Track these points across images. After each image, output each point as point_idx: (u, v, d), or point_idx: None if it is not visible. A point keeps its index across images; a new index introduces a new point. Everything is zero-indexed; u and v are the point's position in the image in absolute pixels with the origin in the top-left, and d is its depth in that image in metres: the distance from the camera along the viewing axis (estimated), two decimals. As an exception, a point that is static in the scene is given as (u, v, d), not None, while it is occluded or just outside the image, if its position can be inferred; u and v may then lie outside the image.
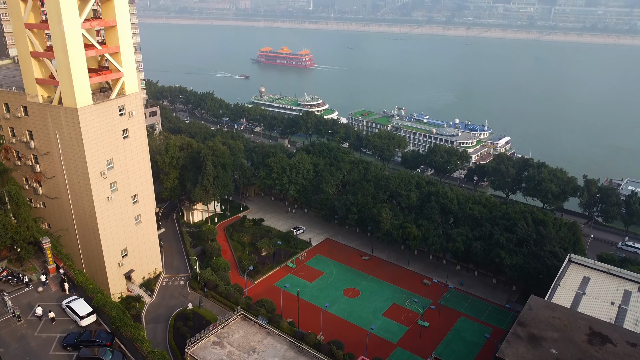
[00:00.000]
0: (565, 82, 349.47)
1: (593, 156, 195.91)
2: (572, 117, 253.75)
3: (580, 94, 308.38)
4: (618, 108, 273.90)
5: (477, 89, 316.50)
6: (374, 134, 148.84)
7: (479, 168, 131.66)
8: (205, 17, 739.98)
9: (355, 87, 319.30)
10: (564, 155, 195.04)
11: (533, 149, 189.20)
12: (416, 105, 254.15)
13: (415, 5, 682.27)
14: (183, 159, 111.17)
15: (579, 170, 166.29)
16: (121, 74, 73.28)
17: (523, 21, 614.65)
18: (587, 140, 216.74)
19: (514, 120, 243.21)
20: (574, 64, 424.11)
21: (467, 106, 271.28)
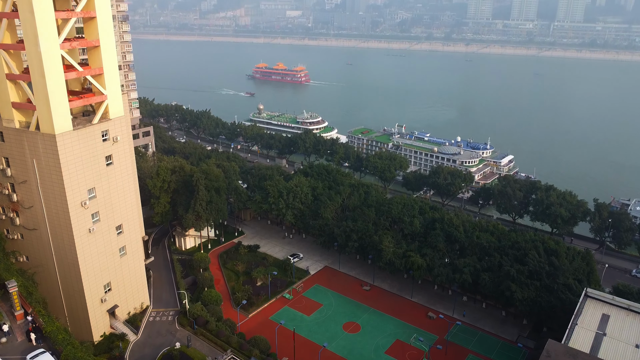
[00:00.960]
0: (566, 97, 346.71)
1: (597, 174, 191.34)
2: (574, 134, 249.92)
3: (581, 109, 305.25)
4: (619, 124, 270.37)
5: (478, 105, 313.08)
6: (374, 155, 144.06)
7: (484, 190, 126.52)
8: (205, 33, 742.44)
9: (354, 104, 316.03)
10: (568, 173, 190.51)
11: (537, 168, 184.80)
12: (416, 122, 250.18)
13: (415, 22, 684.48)
14: (175, 182, 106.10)
15: (585, 190, 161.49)
16: (105, 96, 68.57)
17: (522, 37, 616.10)
18: (590, 158, 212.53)
19: (516, 137, 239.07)
20: (574, 79, 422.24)
21: (468, 123, 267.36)
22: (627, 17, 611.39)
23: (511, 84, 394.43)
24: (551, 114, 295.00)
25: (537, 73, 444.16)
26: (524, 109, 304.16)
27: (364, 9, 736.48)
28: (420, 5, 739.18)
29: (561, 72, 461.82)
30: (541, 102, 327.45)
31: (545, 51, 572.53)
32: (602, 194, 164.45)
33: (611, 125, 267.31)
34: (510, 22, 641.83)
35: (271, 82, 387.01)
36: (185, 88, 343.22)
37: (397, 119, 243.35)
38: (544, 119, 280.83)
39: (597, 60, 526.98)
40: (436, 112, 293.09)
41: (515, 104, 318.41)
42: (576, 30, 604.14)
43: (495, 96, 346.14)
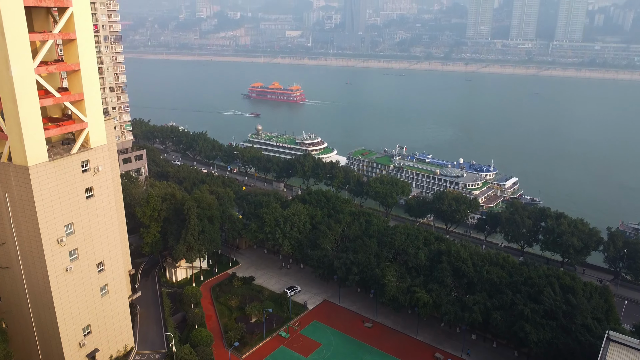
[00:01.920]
0: (567, 117, 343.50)
1: (603, 196, 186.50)
2: (577, 154, 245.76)
3: (582, 129, 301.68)
4: (621, 144, 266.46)
5: (479, 125, 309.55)
6: (375, 179, 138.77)
7: (491, 217, 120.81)
8: (205, 53, 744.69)
9: (354, 124, 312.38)
10: (573, 196, 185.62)
11: (541, 190, 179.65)
12: (417, 143, 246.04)
13: (414, 42, 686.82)
14: (166, 211, 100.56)
15: (591, 213, 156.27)
16: (85, 124, 63.44)
17: (521, 57, 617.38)
18: (594, 179, 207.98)
19: (519, 158, 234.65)
20: (574, 98, 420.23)
21: (469, 143, 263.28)
22: (625, 36, 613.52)
23: (511, 103, 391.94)
24: (553, 133, 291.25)
25: (537, 92, 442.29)
26: (525, 128, 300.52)
27: (363, 29, 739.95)
28: (419, 25, 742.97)
29: (561, 91, 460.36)
30: (542, 121, 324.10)
31: (545, 70, 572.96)
32: (609, 217, 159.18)
33: (613, 146, 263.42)
34: (509, 41, 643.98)
35: (267, 101, 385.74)
36: (189, 109, 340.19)
37: (398, 139, 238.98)
38: (546, 139, 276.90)
39: (597, 80, 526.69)
40: (436, 132, 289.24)
41: (517, 123, 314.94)
42: (575, 49, 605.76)
43: (496, 116, 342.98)
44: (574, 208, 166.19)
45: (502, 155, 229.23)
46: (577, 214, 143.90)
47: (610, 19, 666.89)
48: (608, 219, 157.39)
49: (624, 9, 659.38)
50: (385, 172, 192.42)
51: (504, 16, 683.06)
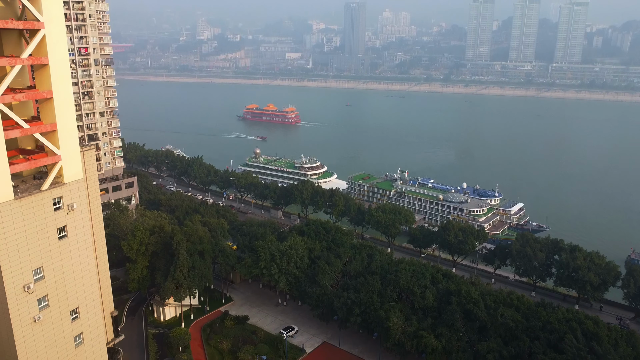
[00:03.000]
0: (569, 139, 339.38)
1: (610, 222, 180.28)
2: (581, 177, 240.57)
3: (585, 151, 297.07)
4: (625, 167, 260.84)
5: (480, 147, 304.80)
6: (377, 208, 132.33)
7: (501, 249, 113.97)
8: (206, 75, 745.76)
9: (353, 146, 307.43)
10: (581, 222, 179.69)
11: (548, 216, 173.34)
12: (418, 165, 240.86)
13: (413, 64, 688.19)
14: (154, 244, 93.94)
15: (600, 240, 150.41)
16: (58, 157, 57.38)
17: (521, 78, 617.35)
18: (600, 203, 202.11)
19: (523, 181, 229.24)
20: (575, 120, 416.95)
21: (471, 166, 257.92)
22: (624, 58, 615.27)
23: (513, 125, 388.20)
24: (556, 156, 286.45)
25: (538, 114, 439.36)
26: (527, 151, 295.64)
27: (362, 51, 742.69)
28: (418, 48, 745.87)
29: (562, 112, 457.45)
30: (545, 143, 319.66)
31: (545, 92, 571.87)
32: (619, 244, 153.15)
33: (617, 168, 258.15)
34: (509, 63, 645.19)
35: (262, 122, 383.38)
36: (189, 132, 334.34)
37: (399, 162, 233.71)
38: (549, 161, 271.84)
39: (597, 101, 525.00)
40: (438, 154, 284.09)
41: (519, 145, 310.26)
42: (575, 71, 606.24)
43: (498, 138, 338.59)
44: (582, 235, 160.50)
45: (505, 178, 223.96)
46: (586, 240, 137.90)
47: (609, 41, 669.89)
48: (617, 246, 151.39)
49: (622, 31, 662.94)
50: (387, 197, 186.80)
51: (503, 38, 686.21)
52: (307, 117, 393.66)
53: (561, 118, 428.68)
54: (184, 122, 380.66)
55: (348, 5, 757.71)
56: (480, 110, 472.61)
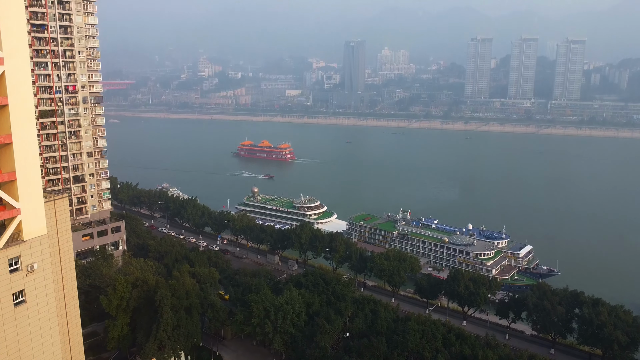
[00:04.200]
0: (572, 176, 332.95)
1: (626, 266, 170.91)
2: (590, 217, 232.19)
3: (589, 188, 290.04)
4: (631, 204, 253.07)
5: (483, 185, 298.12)
6: (380, 255, 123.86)
7: (516, 301, 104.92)
8: (206, 111, 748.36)
9: (354, 184, 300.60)
10: (594, 265, 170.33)
11: (559, 259, 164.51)
12: (420, 204, 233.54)
13: (413, 101, 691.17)
14: (136, 299, 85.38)
15: (617, 285, 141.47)
16: (17, 211, 50.03)
17: (520, 115, 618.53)
18: (613, 245, 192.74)
19: (528, 220, 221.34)
20: (577, 157, 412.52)
21: (474, 205, 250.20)
22: (622, 95, 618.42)
23: (515, 162, 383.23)
24: (559, 193, 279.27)
25: (540, 151, 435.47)
26: (531, 189, 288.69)
27: (362, 88, 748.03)
28: (417, 85, 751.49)
29: (564, 149, 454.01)
30: (549, 181, 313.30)
31: (545, 129, 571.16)
32: (635, 289, 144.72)
33: (622, 205, 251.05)
34: (508, 100, 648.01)
35: (256, 159, 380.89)
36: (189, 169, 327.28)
37: (400, 200, 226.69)
38: (553, 199, 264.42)
39: (598, 138, 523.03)
40: (440, 192, 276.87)
41: (522, 183, 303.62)
42: (574, 108, 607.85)
43: (500, 175, 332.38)
44: (597, 281, 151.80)
45: (511, 218, 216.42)
46: (602, 286, 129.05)
47: (606, 78, 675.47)
48: (636, 292, 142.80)
49: (619, 68, 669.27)
50: (389, 239, 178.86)
51: (501, 76, 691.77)
52: (305, 153, 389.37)
53: (563, 155, 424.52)
54: (183, 159, 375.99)
55: (347, 43, 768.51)
56: (481, 147, 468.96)
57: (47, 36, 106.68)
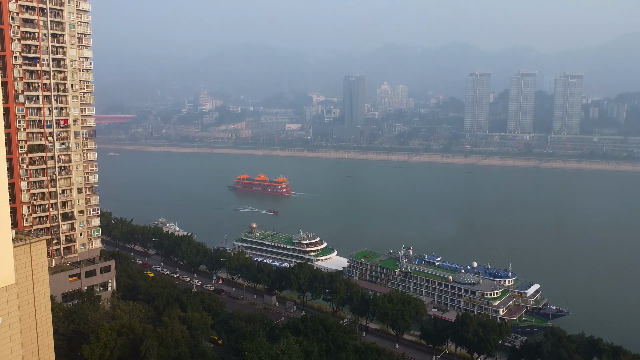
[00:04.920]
0: (578, 211, 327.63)
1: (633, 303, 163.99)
2: (597, 253, 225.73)
3: (597, 224, 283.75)
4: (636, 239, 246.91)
5: (485, 220, 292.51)
6: (383, 297, 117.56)
7: (528, 348, 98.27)
8: (206, 145, 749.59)
9: (353, 218, 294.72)
10: (605, 305, 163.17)
11: (568, 298, 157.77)
12: (421, 240, 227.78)
13: (412, 134, 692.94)
14: (120, 348, 79.12)
15: (628, 326, 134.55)
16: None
17: (521, 149, 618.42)
18: (622, 281, 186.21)
19: (534, 257, 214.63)
20: (579, 190, 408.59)
21: (477, 240, 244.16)
22: (621, 128, 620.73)
23: (516, 196, 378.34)
24: (566, 230, 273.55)
25: (542, 185, 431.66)
26: (535, 224, 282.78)
27: (362, 122, 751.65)
28: (417, 119, 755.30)
29: (565, 183, 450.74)
30: (551, 215, 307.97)
31: (546, 162, 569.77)
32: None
33: (630, 241, 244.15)
34: (507, 134, 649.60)
35: (252, 193, 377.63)
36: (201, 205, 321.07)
37: (401, 235, 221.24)
38: (560, 236, 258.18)
39: (599, 171, 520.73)
40: (442, 227, 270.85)
41: (525, 218, 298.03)
42: (574, 141, 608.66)
43: (503, 209, 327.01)
44: (609, 322, 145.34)
45: (516, 254, 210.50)
46: (614, 327, 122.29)
47: (605, 112, 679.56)
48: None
49: (617, 102, 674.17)
50: (392, 277, 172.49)
51: (500, 110, 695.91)
52: (304, 187, 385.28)
53: (565, 189, 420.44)
54: (181, 193, 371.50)
55: (347, 78, 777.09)
56: (482, 181, 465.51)
57: (39, 69, 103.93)
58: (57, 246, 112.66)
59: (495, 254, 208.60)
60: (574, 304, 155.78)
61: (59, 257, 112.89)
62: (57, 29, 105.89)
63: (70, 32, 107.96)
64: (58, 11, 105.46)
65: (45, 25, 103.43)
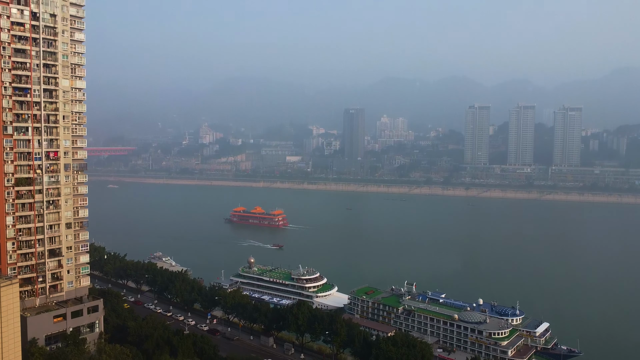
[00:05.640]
0: (583, 244, 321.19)
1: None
2: (606, 289, 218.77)
3: (604, 258, 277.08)
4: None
5: (489, 254, 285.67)
6: (386, 340, 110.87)
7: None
8: (206, 177, 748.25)
9: (353, 252, 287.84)
10: (619, 345, 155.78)
11: (580, 337, 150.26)
12: (423, 274, 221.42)
13: (413, 167, 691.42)
14: (101, 400, 72.52)
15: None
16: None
17: (521, 181, 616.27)
18: (634, 318, 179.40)
19: (541, 294, 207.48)
20: (584, 224, 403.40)
21: (481, 275, 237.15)
22: (622, 160, 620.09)
23: (520, 229, 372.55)
24: (573, 264, 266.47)
25: (544, 217, 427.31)
26: (541, 258, 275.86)
27: (362, 154, 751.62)
28: (417, 152, 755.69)
29: (568, 215, 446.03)
30: (556, 249, 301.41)
31: (547, 195, 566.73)
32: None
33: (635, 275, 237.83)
34: (508, 166, 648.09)
35: (248, 225, 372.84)
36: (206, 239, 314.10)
37: (403, 270, 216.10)
38: (566, 270, 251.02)
39: (601, 203, 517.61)
40: (444, 262, 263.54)
41: (530, 252, 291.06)
42: (575, 174, 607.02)
43: (506, 243, 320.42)
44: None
45: (521, 290, 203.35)
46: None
47: (605, 144, 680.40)
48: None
49: (617, 134, 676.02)
50: (394, 315, 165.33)
51: (500, 142, 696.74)
52: (302, 220, 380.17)
53: (568, 221, 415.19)
54: (179, 226, 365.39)
55: (347, 111, 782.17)
56: (484, 213, 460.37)
57: (30, 100, 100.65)
58: (43, 284, 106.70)
59: (501, 290, 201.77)
60: (585, 344, 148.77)
61: (43, 296, 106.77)
62: (50, 59, 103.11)
63: (63, 63, 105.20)
64: (51, 41, 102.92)
65: (38, 55, 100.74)
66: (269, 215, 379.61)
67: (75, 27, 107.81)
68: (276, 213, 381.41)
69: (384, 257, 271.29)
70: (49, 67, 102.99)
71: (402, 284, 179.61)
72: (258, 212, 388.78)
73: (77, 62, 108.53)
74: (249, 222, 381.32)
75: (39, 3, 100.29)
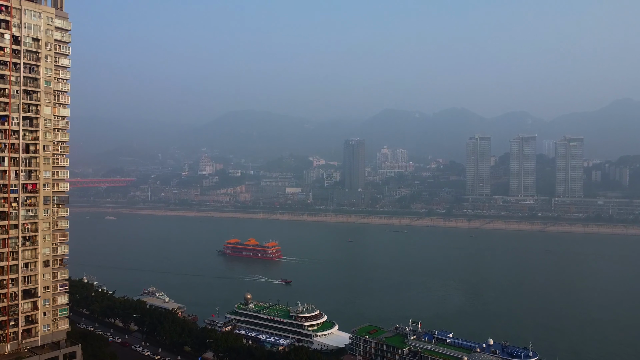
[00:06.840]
0: (592, 278, 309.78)
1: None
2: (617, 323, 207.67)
3: (615, 292, 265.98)
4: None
5: (495, 289, 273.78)
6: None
7: None
8: (204, 209, 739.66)
9: (354, 287, 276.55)
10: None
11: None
12: (428, 311, 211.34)
13: (414, 198, 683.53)
14: None
15: None
16: None
17: (524, 212, 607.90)
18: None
19: (552, 332, 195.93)
20: (590, 256, 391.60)
21: (488, 312, 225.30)
22: (625, 192, 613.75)
23: (525, 262, 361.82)
24: (578, 298, 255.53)
25: (549, 250, 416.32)
26: (553, 293, 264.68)
27: (362, 185, 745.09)
28: (418, 183, 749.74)
29: (573, 247, 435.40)
30: (563, 284, 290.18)
31: (551, 226, 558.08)
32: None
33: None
34: (510, 197, 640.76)
35: (242, 258, 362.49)
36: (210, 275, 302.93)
37: (406, 306, 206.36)
38: (574, 306, 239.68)
39: (606, 235, 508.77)
40: (449, 297, 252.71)
41: (540, 286, 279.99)
42: (578, 205, 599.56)
43: (512, 277, 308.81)
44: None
45: (533, 328, 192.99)
46: None
47: (607, 175, 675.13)
48: None
49: (619, 165, 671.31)
50: (399, 356, 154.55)
51: (502, 173, 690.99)
52: (302, 252, 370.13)
53: (574, 254, 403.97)
54: (175, 259, 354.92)
55: (347, 142, 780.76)
56: (487, 246, 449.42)
57: (8, 128, 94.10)
58: (15, 328, 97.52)
59: (512, 328, 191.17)
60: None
61: (15, 341, 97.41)
62: (32, 85, 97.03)
63: (46, 89, 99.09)
64: (33, 67, 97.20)
65: (18, 81, 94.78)
66: (263, 248, 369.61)
67: (60, 52, 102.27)
68: (270, 245, 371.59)
69: (386, 292, 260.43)
70: (30, 93, 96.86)
71: (406, 321, 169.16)
72: (252, 244, 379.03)
73: (61, 88, 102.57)
74: (242, 254, 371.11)
75: (21, 27, 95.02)
